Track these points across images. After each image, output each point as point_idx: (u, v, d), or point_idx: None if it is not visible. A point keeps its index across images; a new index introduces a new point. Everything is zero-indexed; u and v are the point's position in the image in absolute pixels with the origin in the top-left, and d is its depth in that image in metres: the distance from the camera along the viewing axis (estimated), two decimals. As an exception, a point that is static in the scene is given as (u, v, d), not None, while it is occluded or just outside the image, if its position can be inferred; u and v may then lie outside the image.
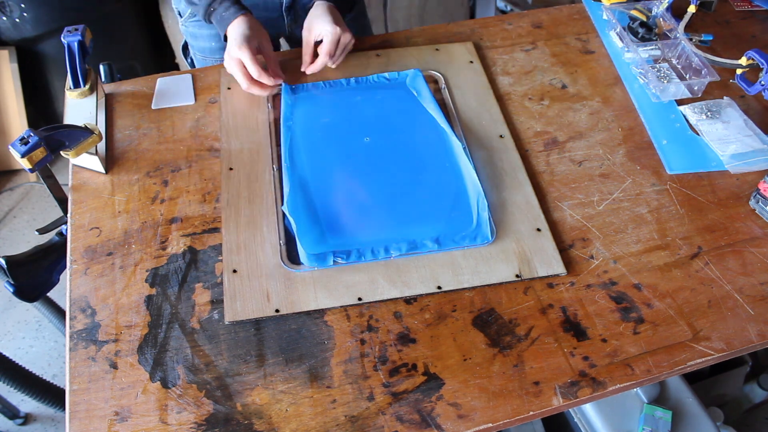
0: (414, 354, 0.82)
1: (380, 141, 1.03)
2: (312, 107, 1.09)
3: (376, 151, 1.02)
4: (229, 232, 0.92)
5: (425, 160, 1.01)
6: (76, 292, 0.86)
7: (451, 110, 1.10)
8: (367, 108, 1.08)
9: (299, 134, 1.04)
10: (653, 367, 0.81)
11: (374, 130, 1.05)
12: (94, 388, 0.78)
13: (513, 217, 0.95)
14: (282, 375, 0.79)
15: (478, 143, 1.05)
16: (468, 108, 1.10)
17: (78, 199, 0.97)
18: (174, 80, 1.14)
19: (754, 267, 0.92)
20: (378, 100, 1.10)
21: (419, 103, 1.09)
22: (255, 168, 1.00)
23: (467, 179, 0.98)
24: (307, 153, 1.01)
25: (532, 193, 0.98)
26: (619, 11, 1.26)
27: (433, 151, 1.03)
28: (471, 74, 1.15)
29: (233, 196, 0.96)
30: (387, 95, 1.11)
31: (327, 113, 1.08)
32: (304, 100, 1.10)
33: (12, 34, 1.99)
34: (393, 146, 1.03)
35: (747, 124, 1.09)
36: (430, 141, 1.04)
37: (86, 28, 1.04)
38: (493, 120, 1.08)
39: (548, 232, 0.93)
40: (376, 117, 1.07)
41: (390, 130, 1.05)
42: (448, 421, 0.76)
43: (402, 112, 1.08)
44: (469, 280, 0.87)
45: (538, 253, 0.90)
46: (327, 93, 1.12)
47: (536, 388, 0.79)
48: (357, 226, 0.92)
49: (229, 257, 0.89)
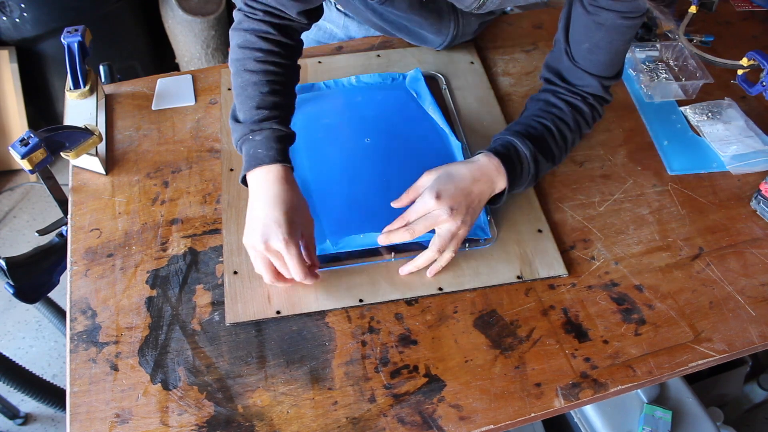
0: (415, 355, 0.81)
1: (381, 142, 1.03)
2: (312, 107, 1.08)
3: (376, 153, 1.02)
4: (229, 233, 0.92)
5: (426, 162, 1.00)
6: (76, 294, 0.86)
7: (452, 111, 1.10)
8: (368, 109, 1.08)
9: (299, 135, 1.03)
10: (655, 369, 0.81)
11: (375, 131, 1.04)
12: (95, 390, 0.78)
13: (514, 218, 0.95)
14: (283, 377, 0.79)
15: (480, 144, 1.04)
16: (469, 109, 1.09)
17: (78, 201, 0.96)
18: (174, 81, 1.13)
19: (755, 268, 0.92)
20: (378, 101, 1.10)
21: (419, 104, 1.09)
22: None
23: None
24: (307, 155, 1.01)
25: (533, 194, 0.98)
26: (620, 11, 1.26)
27: (434, 152, 1.02)
28: (472, 75, 1.15)
29: (234, 198, 0.96)
30: (387, 96, 1.11)
31: (327, 114, 1.08)
32: (305, 101, 1.09)
33: (12, 34, 1.99)
34: (394, 148, 1.03)
35: (748, 124, 1.09)
36: (431, 143, 1.04)
37: (86, 29, 1.03)
38: (494, 121, 1.08)
39: (549, 233, 0.93)
40: (377, 118, 1.07)
41: (390, 132, 1.05)
42: (449, 423, 0.76)
43: (402, 114, 1.08)
44: (471, 281, 0.87)
45: (540, 255, 0.90)
46: (327, 93, 1.11)
47: (538, 389, 0.79)
48: (358, 228, 0.91)
49: (230, 258, 0.89)
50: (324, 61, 1.17)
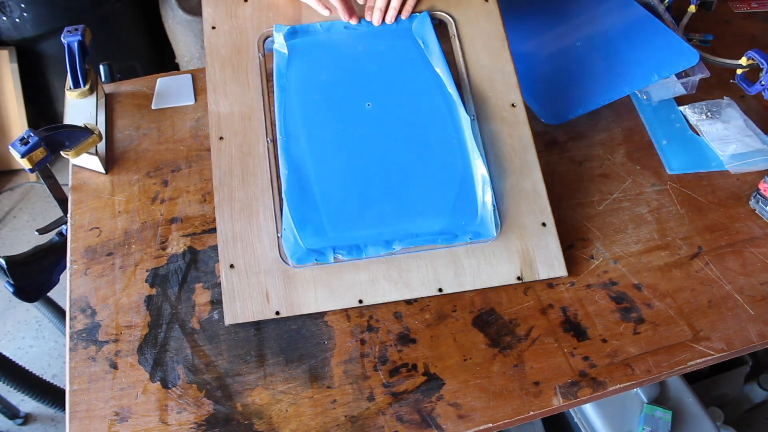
0: (414, 354, 0.82)
1: (383, 108, 0.96)
2: (309, 59, 0.98)
3: (378, 122, 0.94)
4: (223, 219, 0.88)
5: (431, 135, 0.94)
6: (76, 293, 0.86)
7: (461, 69, 0.99)
8: (370, 63, 0.99)
9: (295, 97, 0.95)
10: (653, 368, 0.81)
11: (377, 92, 0.97)
12: (94, 389, 0.78)
13: (519, 208, 0.91)
14: (282, 375, 0.79)
15: (488, 113, 0.97)
16: (479, 66, 1.00)
17: (78, 200, 0.97)
18: (174, 80, 1.13)
19: (754, 267, 0.92)
20: (381, 52, 0.99)
21: (426, 59, 1.00)
22: (248, 138, 0.93)
23: (474, 163, 0.92)
24: (304, 125, 0.94)
25: (540, 179, 0.93)
26: (620, 11, 1.26)
27: (439, 127, 0.95)
28: (484, 19, 1.02)
29: (225, 174, 0.90)
30: (391, 46, 1.00)
31: (325, 68, 0.98)
32: (298, 49, 0.99)
33: (12, 34, 1.99)
34: (397, 116, 0.95)
35: (747, 124, 1.09)
36: (437, 111, 0.96)
37: (86, 28, 1.03)
38: (505, 82, 0.99)
39: (553, 227, 0.90)
40: (379, 75, 0.98)
41: (394, 94, 0.97)
42: (448, 422, 0.76)
43: (407, 71, 0.99)
44: (471, 282, 0.87)
45: (542, 253, 0.89)
46: (325, 39, 1.01)
47: (536, 388, 0.79)
48: (358, 219, 0.88)
49: (226, 249, 0.86)
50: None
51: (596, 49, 1.15)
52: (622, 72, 1.09)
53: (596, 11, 1.21)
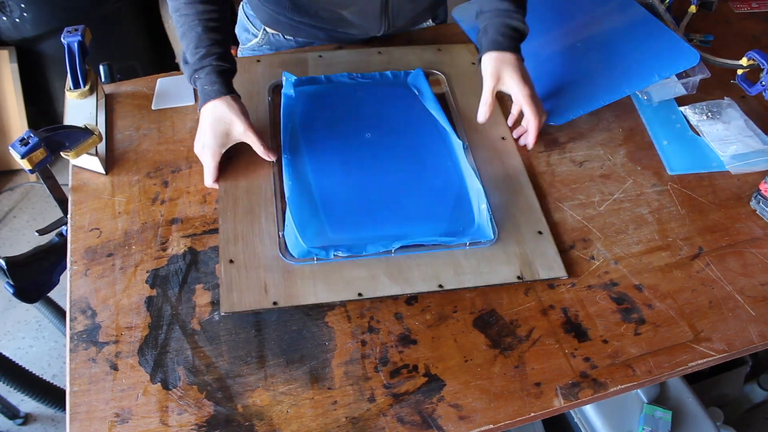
0: (415, 355, 0.81)
1: (382, 137, 1.03)
2: (314, 99, 1.08)
3: (377, 147, 1.02)
4: (225, 220, 0.92)
5: (427, 158, 1.02)
6: (76, 294, 0.86)
7: (453, 110, 1.10)
8: (369, 104, 1.08)
9: (299, 126, 1.04)
10: (654, 368, 0.81)
11: (376, 126, 1.05)
12: (95, 390, 0.78)
13: (514, 219, 0.94)
14: (283, 376, 0.79)
15: (480, 144, 1.05)
16: (470, 109, 1.09)
17: (78, 200, 0.96)
18: (174, 80, 1.13)
19: (754, 268, 0.92)
20: (380, 96, 1.10)
21: (420, 102, 1.09)
22: (254, 157, 0.99)
23: (468, 179, 0.98)
24: (307, 146, 1.01)
25: (533, 195, 0.98)
26: (620, 11, 1.26)
27: (434, 150, 1.03)
28: (474, 76, 1.15)
29: (231, 186, 0.96)
30: (389, 92, 1.11)
31: (328, 107, 1.08)
32: (305, 94, 1.09)
33: (12, 34, 1.99)
34: (395, 143, 1.03)
35: (747, 124, 1.09)
36: (432, 140, 1.04)
37: (86, 28, 1.03)
38: (495, 122, 1.08)
39: (549, 235, 0.93)
40: (378, 113, 1.07)
41: (392, 127, 1.05)
42: (449, 423, 0.76)
43: (404, 110, 1.08)
44: (471, 280, 0.87)
45: (540, 257, 0.90)
46: (329, 86, 1.12)
47: (537, 389, 0.79)
48: (358, 223, 0.91)
49: (226, 247, 0.89)
50: (325, 56, 1.17)
51: (597, 49, 1.15)
52: (623, 72, 1.10)
53: (597, 12, 1.21)
